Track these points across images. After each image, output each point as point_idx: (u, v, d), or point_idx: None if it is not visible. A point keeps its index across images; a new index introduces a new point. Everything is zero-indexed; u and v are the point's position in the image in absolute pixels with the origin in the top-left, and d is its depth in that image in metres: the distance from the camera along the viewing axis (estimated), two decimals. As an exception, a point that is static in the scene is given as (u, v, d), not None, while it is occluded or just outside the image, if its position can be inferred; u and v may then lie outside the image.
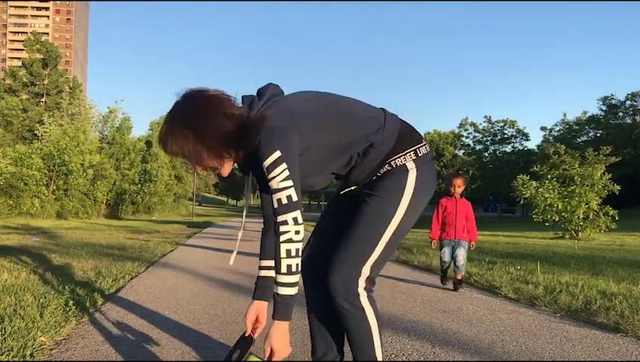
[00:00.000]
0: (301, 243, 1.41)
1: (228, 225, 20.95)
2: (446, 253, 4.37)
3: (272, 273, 1.69)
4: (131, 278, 4.55)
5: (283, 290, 1.40)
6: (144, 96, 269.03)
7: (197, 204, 56.29)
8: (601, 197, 13.20)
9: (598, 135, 45.37)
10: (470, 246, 4.44)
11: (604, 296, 3.67)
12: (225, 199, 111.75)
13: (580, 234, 13.11)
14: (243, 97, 1.56)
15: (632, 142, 42.72)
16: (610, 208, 13.00)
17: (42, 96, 44.87)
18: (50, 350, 2.30)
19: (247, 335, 1.63)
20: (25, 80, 44.12)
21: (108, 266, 5.10)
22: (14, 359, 2.11)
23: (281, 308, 1.41)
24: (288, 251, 1.39)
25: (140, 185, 36.06)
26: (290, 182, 1.38)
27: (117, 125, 36.35)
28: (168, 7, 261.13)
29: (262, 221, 1.90)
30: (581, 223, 13.05)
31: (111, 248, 7.58)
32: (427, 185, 1.58)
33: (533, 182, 13.97)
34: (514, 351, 2.42)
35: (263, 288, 1.69)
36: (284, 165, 1.38)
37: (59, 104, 38.77)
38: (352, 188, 1.66)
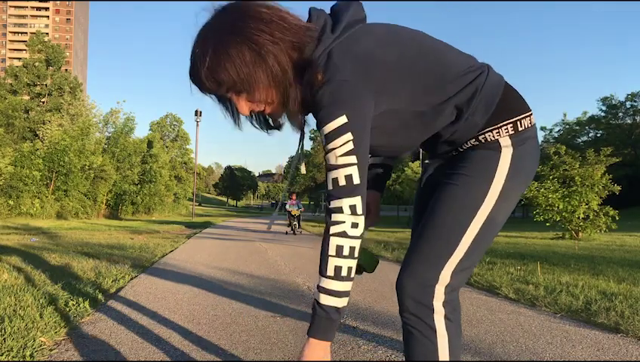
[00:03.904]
0: (358, 241, 1.09)
1: (228, 225, 20.95)
2: None
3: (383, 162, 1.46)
4: (131, 278, 4.55)
5: (326, 299, 1.08)
6: (144, 96, 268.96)
7: (197, 204, 56.24)
8: (601, 198, 13.19)
9: (598, 135, 45.38)
10: None
11: (604, 297, 3.66)
12: (225, 199, 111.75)
13: (580, 234, 13.10)
14: (311, 12, 1.19)
15: (632, 143, 42.77)
16: (611, 208, 12.99)
17: (44, 96, 44.88)
18: (50, 350, 2.29)
19: None
20: (26, 80, 44.14)
21: (108, 266, 5.10)
22: (14, 359, 2.10)
23: (320, 324, 1.09)
24: (339, 248, 1.07)
25: (139, 186, 36.08)
26: (353, 158, 1.07)
27: (120, 126, 36.33)
28: (168, 7, 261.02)
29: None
30: (581, 223, 13.04)
31: (111, 248, 7.58)
32: (526, 169, 1.21)
33: (535, 183, 13.96)
34: (514, 352, 2.42)
35: (375, 181, 1.47)
36: (348, 135, 1.06)
37: (60, 104, 38.81)
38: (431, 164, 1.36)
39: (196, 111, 34.83)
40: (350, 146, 1.07)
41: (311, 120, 1.24)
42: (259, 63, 1.08)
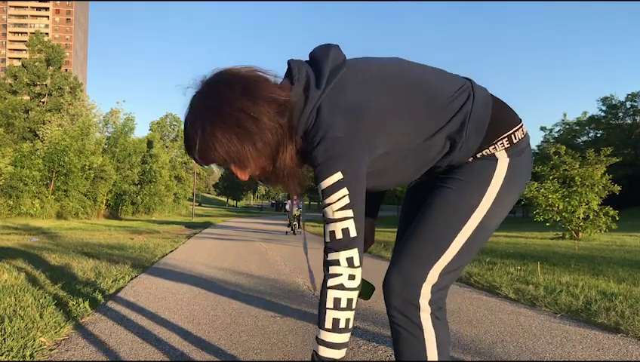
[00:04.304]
0: (355, 293, 1.10)
1: (228, 225, 20.95)
2: None
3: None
4: (131, 279, 4.55)
5: (324, 352, 1.10)
6: (144, 96, 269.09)
7: (197, 204, 56.22)
8: (601, 198, 13.20)
9: (598, 135, 45.41)
10: None
11: (604, 297, 3.66)
12: (225, 199, 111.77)
13: (580, 234, 13.11)
14: (291, 65, 1.20)
15: (632, 143, 42.80)
16: (611, 208, 13.00)
17: (44, 96, 44.89)
18: (50, 350, 2.29)
19: None
20: (26, 80, 44.14)
21: (108, 266, 5.10)
22: (14, 359, 2.10)
23: None
24: (336, 301, 1.09)
25: (139, 186, 36.07)
26: (349, 212, 1.09)
27: (120, 126, 36.29)
28: (168, 7, 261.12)
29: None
30: (581, 223, 13.05)
31: (111, 248, 7.58)
32: (520, 178, 1.25)
33: (535, 183, 13.98)
34: (514, 352, 2.42)
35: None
36: (344, 190, 1.09)
37: (60, 104, 38.81)
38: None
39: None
40: (346, 201, 1.09)
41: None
42: (246, 141, 1.11)
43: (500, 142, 1.20)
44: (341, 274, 1.09)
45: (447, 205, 1.20)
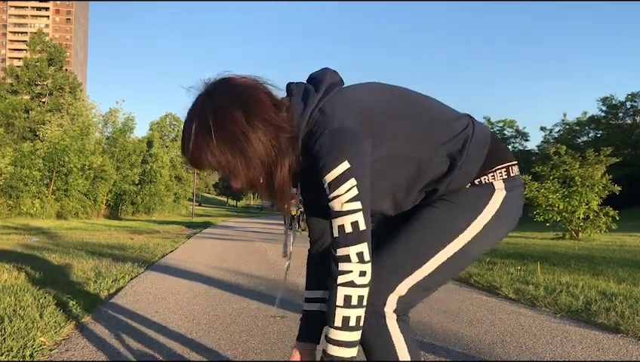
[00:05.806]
0: (366, 290, 1.07)
1: (228, 225, 20.95)
2: None
3: (320, 307, 1.33)
4: (131, 278, 4.55)
5: (333, 350, 1.07)
6: (144, 96, 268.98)
7: (197, 204, 56.22)
8: (601, 198, 13.20)
9: (598, 135, 45.42)
10: None
11: (604, 297, 3.66)
12: (225, 199, 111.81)
13: (580, 234, 13.10)
14: (290, 85, 1.23)
15: (632, 143, 42.81)
16: (611, 208, 12.99)
17: (44, 96, 44.88)
18: (50, 350, 2.29)
19: None
20: (27, 80, 44.12)
21: (108, 266, 5.10)
22: (14, 359, 2.10)
23: None
24: (347, 298, 1.05)
25: (139, 186, 36.06)
26: (358, 204, 1.06)
27: (119, 126, 36.29)
28: (169, 7, 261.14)
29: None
30: (581, 223, 13.05)
31: (111, 248, 7.58)
32: (512, 213, 1.22)
33: (535, 183, 13.98)
34: (514, 352, 2.42)
35: (308, 328, 1.32)
36: (352, 181, 1.06)
37: (61, 104, 38.84)
38: None
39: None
40: (355, 192, 1.06)
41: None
42: (236, 154, 1.10)
43: (499, 171, 1.20)
44: (351, 271, 1.05)
45: (434, 223, 1.18)
